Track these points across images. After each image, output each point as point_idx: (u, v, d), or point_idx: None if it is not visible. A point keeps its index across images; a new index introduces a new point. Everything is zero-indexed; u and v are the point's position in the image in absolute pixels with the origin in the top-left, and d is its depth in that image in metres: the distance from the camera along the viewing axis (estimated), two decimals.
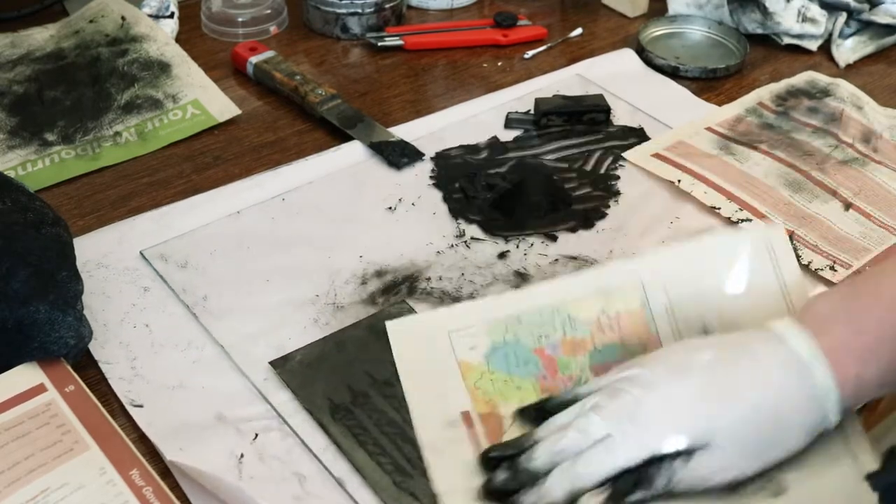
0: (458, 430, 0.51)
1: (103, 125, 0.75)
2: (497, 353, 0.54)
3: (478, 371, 0.53)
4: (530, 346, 0.54)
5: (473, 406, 0.52)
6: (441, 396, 0.52)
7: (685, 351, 0.49)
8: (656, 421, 0.45)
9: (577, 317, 0.55)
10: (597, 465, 0.45)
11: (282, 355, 0.55)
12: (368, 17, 0.89)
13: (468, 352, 0.54)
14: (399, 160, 0.72)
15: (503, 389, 0.53)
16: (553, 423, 0.48)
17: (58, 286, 0.53)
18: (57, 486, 0.46)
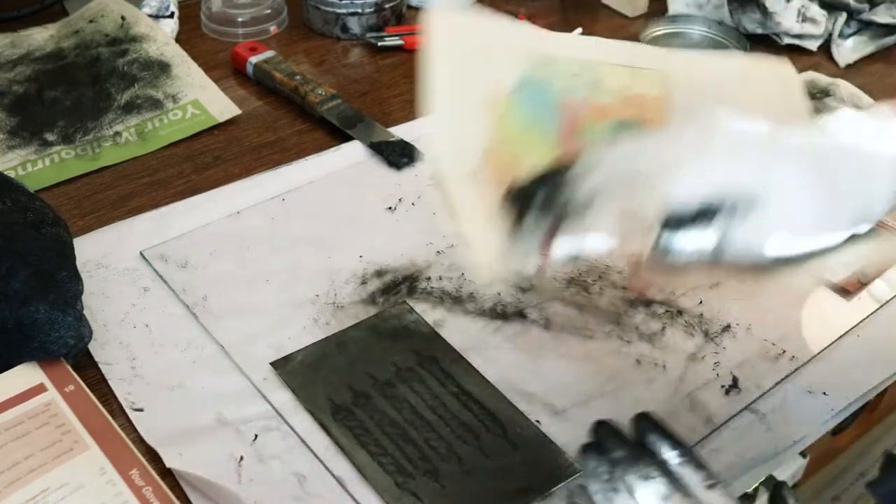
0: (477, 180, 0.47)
1: (103, 125, 0.75)
2: (526, 89, 0.50)
3: (501, 103, 0.49)
4: (557, 98, 0.51)
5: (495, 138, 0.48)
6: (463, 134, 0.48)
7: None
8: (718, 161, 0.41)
9: (604, 82, 0.52)
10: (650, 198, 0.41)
11: (283, 356, 0.55)
12: (368, 17, 0.89)
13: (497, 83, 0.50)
14: (399, 160, 0.72)
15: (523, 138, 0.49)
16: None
17: (58, 286, 0.52)
18: (57, 486, 0.46)
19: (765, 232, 0.41)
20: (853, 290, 0.62)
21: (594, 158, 0.43)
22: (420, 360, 0.56)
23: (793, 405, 0.55)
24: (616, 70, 0.53)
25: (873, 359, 0.58)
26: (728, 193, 0.41)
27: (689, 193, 0.41)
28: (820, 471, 0.79)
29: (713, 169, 0.41)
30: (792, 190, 0.41)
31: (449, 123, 0.49)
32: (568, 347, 0.57)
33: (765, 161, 0.42)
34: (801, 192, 0.41)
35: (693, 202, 0.41)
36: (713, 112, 0.43)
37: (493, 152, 0.48)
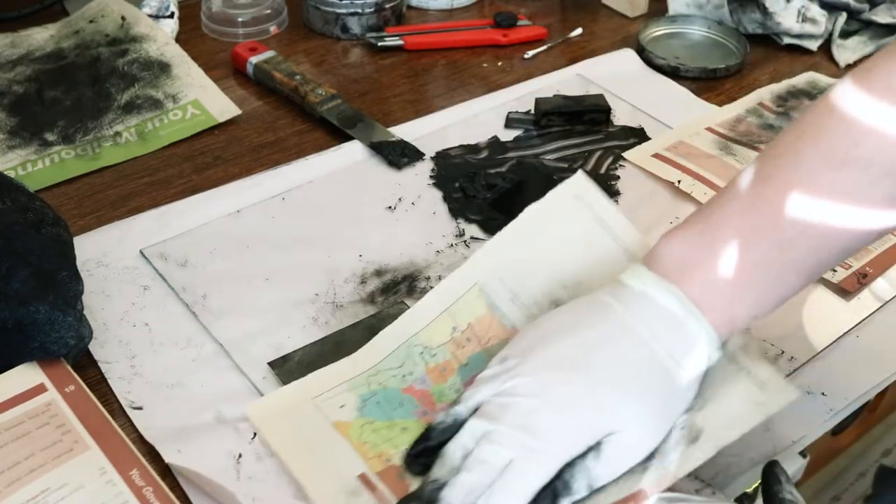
0: (361, 497, 0.47)
1: (103, 125, 0.75)
2: (368, 403, 0.52)
3: (356, 426, 0.50)
4: (398, 388, 0.52)
5: (368, 466, 0.48)
6: (332, 466, 0.49)
7: (551, 336, 0.47)
8: (553, 429, 0.43)
9: (431, 344, 0.54)
10: (513, 495, 0.43)
11: (281, 356, 0.55)
12: (368, 17, 0.89)
13: (339, 411, 0.51)
14: (399, 160, 0.72)
15: (390, 436, 0.50)
16: (448, 458, 0.45)
17: (58, 286, 0.53)
18: (57, 486, 0.46)
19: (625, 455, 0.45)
20: (853, 290, 0.62)
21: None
22: None
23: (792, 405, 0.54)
24: (435, 326, 0.54)
25: (873, 359, 0.58)
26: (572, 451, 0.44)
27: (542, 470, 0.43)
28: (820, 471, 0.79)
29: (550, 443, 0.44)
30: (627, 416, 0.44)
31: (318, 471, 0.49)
32: None
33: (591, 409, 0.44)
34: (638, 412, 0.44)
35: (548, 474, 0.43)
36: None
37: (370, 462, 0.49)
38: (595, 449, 0.44)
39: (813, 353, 0.58)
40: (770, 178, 0.46)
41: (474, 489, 0.43)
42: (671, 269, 0.46)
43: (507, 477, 0.43)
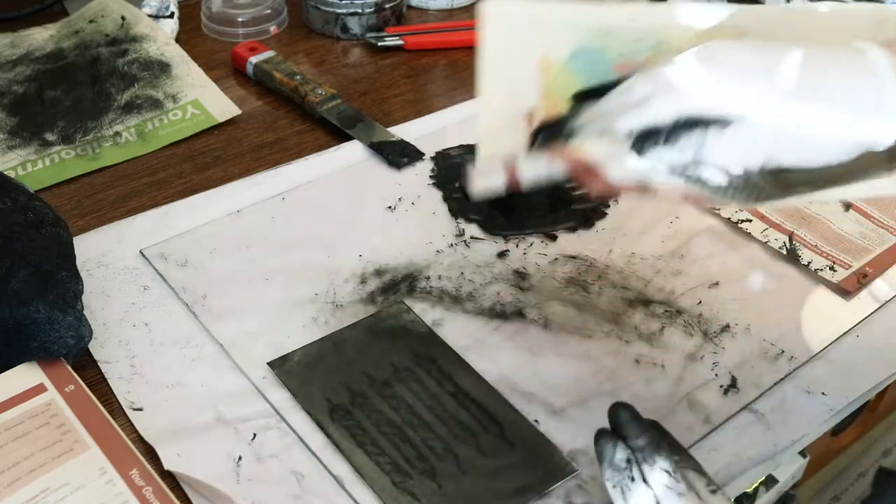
0: (516, 131, 0.49)
1: (103, 125, 0.75)
2: (579, 56, 0.51)
3: (556, 70, 0.50)
4: (613, 58, 0.51)
5: (542, 106, 0.49)
6: (513, 90, 0.50)
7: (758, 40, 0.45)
8: (703, 81, 0.42)
9: (669, 43, 0.51)
10: (626, 117, 0.43)
11: (280, 356, 0.55)
12: (368, 17, 0.89)
13: (553, 50, 0.51)
14: (399, 160, 0.72)
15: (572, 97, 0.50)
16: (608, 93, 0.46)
17: (58, 286, 0.53)
18: (57, 486, 0.46)
19: (745, 147, 0.42)
20: (853, 290, 0.63)
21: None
22: (417, 360, 0.56)
23: (792, 405, 0.55)
24: (684, 32, 0.52)
25: (873, 359, 0.58)
26: (700, 112, 0.42)
27: (661, 113, 0.42)
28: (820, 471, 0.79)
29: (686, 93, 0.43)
30: (771, 110, 0.42)
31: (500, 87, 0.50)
32: (567, 347, 0.57)
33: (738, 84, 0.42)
34: (783, 111, 0.41)
35: (665, 119, 0.42)
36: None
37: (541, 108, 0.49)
38: (722, 125, 0.42)
39: (813, 353, 0.58)
40: None
41: (604, 111, 0.45)
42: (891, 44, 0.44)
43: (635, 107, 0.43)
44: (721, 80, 0.43)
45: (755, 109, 0.42)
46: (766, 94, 0.42)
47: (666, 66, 0.44)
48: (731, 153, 0.42)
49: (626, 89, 0.45)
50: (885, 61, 0.43)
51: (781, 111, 0.42)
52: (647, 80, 0.44)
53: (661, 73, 0.44)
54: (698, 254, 0.65)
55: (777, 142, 0.42)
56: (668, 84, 0.43)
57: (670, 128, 0.43)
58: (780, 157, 0.42)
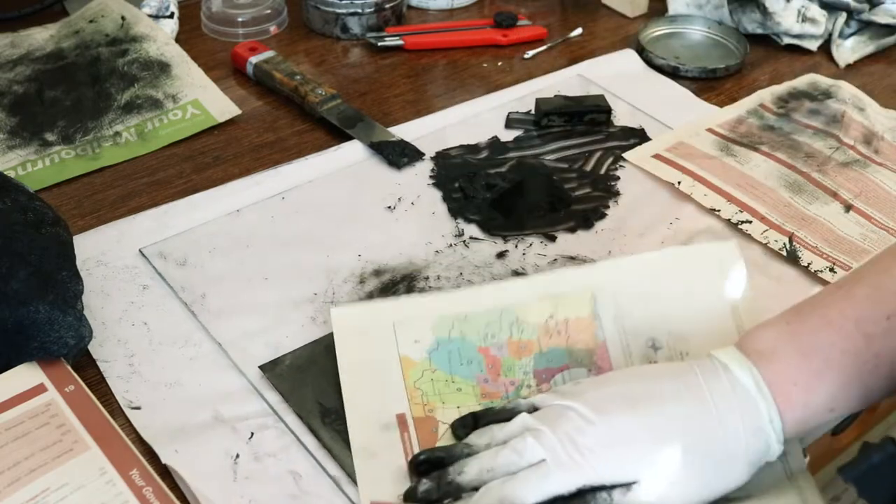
0: (391, 433, 0.50)
1: (103, 125, 0.75)
2: (441, 349, 0.53)
3: (419, 368, 0.53)
4: (475, 344, 0.54)
5: (410, 409, 0.51)
6: (379, 396, 0.51)
7: (630, 380, 0.48)
8: (595, 452, 0.44)
9: (525, 319, 0.55)
10: (528, 488, 0.44)
11: (271, 359, 0.55)
12: (368, 17, 0.89)
13: (412, 345, 0.53)
14: (399, 160, 0.72)
15: (443, 391, 0.52)
16: (489, 434, 0.47)
17: (58, 286, 0.53)
18: (57, 486, 0.46)
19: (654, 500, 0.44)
20: None
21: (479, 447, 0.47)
22: None
23: None
24: (536, 305, 0.55)
25: None
26: (603, 478, 0.44)
27: (563, 484, 0.44)
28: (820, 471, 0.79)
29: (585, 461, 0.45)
30: (670, 469, 0.44)
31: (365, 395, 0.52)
32: None
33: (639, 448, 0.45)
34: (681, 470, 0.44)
35: (570, 487, 0.44)
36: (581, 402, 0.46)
37: (414, 406, 0.51)
38: (624, 487, 0.44)
39: None
40: (862, 279, 0.48)
41: (495, 469, 0.45)
42: (755, 352, 0.47)
43: (532, 473, 0.44)
44: (615, 453, 0.45)
45: (650, 472, 0.44)
46: (657, 458, 0.45)
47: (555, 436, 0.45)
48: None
49: (518, 447, 0.45)
50: (750, 377, 0.46)
51: (675, 469, 0.44)
52: (539, 444, 0.45)
53: (551, 441, 0.45)
54: None
55: (679, 490, 0.45)
56: (561, 456, 0.44)
57: (576, 495, 0.44)
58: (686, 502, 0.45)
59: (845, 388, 0.46)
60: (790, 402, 0.46)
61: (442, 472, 0.46)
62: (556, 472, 0.44)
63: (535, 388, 0.53)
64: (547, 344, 0.54)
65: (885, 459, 0.39)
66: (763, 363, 0.46)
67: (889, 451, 0.39)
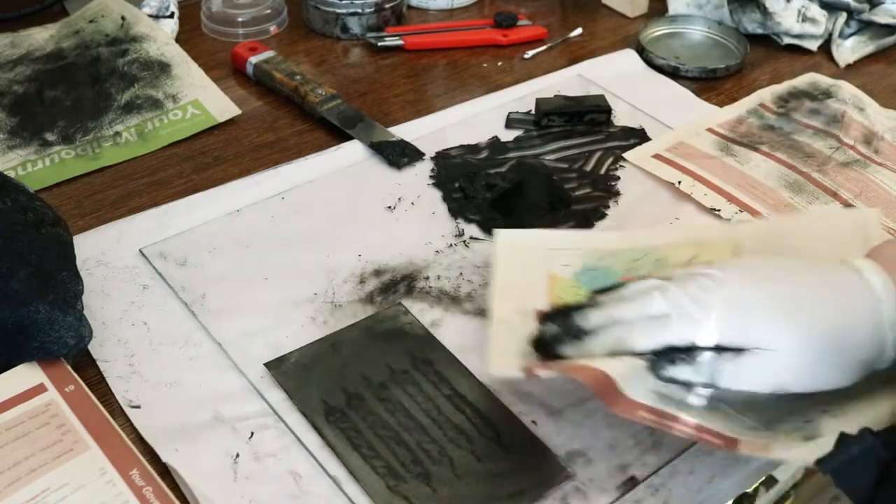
0: (527, 319, 0.53)
1: (103, 125, 0.75)
2: (587, 273, 0.57)
3: (565, 285, 0.56)
4: (619, 272, 0.56)
5: (549, 307, 0.54)
6: (523, 292, 0.55)
7: (765, 262, 0.49)
8: (716, 311, 0.45)
9: (668, 259, 0.57)
10: (645, 335, 0.46)
11: (277, 357, 0.55)
12: (368, 17, 0.89)
13: (561, 268, 0.57)
14: (399, 160, 0.72)
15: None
16: (617, 293, 0.49)
17: (58, 286, 0.53)
18: (57, 486, 0.46)
19: (757, 373, 0.45)
20: None
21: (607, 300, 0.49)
22: (414, 362, 0.56)
23: None
24: (680, 248, 0.58)
25: None
26: (717, 338, 0.45)
27: (679, 336, 0.46)
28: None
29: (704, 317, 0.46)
30: (787, 345, 0.45)
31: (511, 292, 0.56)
32: None
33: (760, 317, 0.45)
34: (792, 346, 0.45)
35: (683, 340, 0.45)
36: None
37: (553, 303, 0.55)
38: (736, 352, 0.45)
39: None
40: None
41: (619, 319, 0.47)
42: (887, 259, 0.48)
43: (653, 324, 0.46)
44: (738, 318, 0.45)
45: (768, 343, 0.45)
46: (779, 331, 0.45)
47: (683, 292, 0.46)
48: (743, 378, 0.46)
49: (643, 300, 0.47)
50: (880, 281, 0.47)
51: (792, 346, 0.45)
52: (664, 298, 0.46)
53: (678, 296, 0.46)
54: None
55: (787, 371, 0.45)
56: (685, 310, 0.46)
57: (687, 349, 0.45)
58: (789, 384, 0.46)
59: None
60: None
61: (568, 317, 0.48)
62: (675, 323, 0.46)
63: None
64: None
65: (864, 451, 0.39)
66: (891, 271, 0.47)
67: (868, 443, 0.39)
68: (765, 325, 0.45)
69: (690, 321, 0.45)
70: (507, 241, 0.60)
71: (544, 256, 0.59)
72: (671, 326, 0.46)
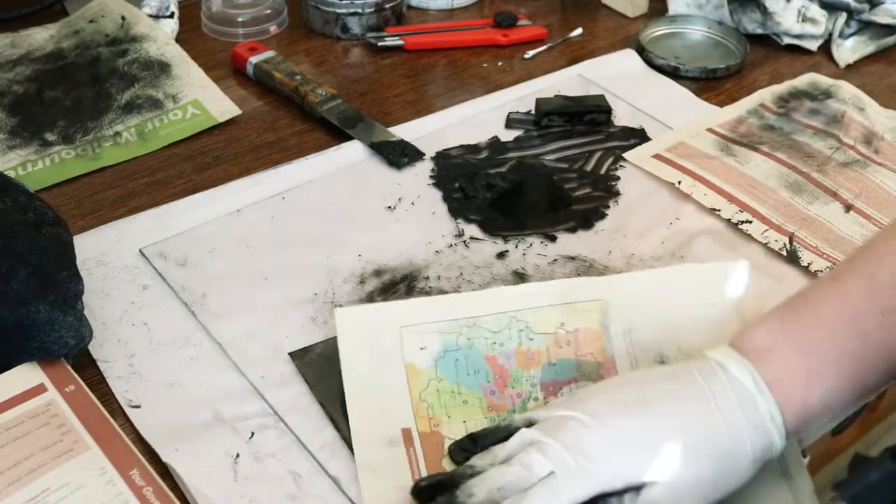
0: (396, 449, 0.49)
1: (103, 125, 0.75)
2: (448, 357, 0.53)
3: (425, 377, 0.52)
4: (483, 353, 0.53)
5: (416, 423, 0.50)
6: (384, 411, 0.51)
7: (628, 384, 0.48)
8: (601, 458, 0.44)
9: (534, 327, 0.54)
10: (546, 500, 0.43)
11: (301, 347, 0.56)
12: (368, 17, 0.89)
13: (418, 352, 0.53)
14: (399, 160, 0.72)
15: (448, 403, 0.51)
16: (492, 454, 0.47)
17: (58, 286, 0.53)
18: (57, 487, 0.46)
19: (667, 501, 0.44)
20: None
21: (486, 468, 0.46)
22: None
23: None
24: (546, 312, 0.55)
25: None
26: (614, 483, 0.44)
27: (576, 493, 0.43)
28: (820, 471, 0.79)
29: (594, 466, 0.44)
30: (678, 468, 0.44)
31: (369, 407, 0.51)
32: None
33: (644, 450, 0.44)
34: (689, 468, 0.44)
35: (583, 496, 0.44)
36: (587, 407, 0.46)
37: (419, 420, 0.51)
38: (634, 491, 0.44)
39: None
40: (855, 269, 0.48)
41: (506, 487, 0.44)
42: (751, 350, 0.47)
43: (541, 487, 0.43)
44: (625, 457, 0.44)
45: (663, 474, 0.44)
46: (670, 460, 0.44)
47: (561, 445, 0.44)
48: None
49: (523, 461, 0.45)
50: (747, 373, 0.46)
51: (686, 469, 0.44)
52: (545, 457, 0.44)
53: (558, 451, 0.44)
54: (698, 255, 0.65)
55: (689, 491, 0.44)
56: (570, 465, 0.44)
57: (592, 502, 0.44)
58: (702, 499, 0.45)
59: (842, 385, 0.46)
60: (789, 400, 0.46)
61: (450, 495, 0.45)
62: (568, 482, 0.44)
63: (541, 400, 0.52)
64: (556, 355, 0.54)
65: (884, 477, 0.38)
66: (759, 362, 0.46)
67: (888, 468, 0.38)
68: (649, 457, 0.44)
69: (581, 474, 0.44)
70: (352, 324, 0.53)
71: (397, 341, 0.53)
72: (564, 485, 0.43)
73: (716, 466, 0.45)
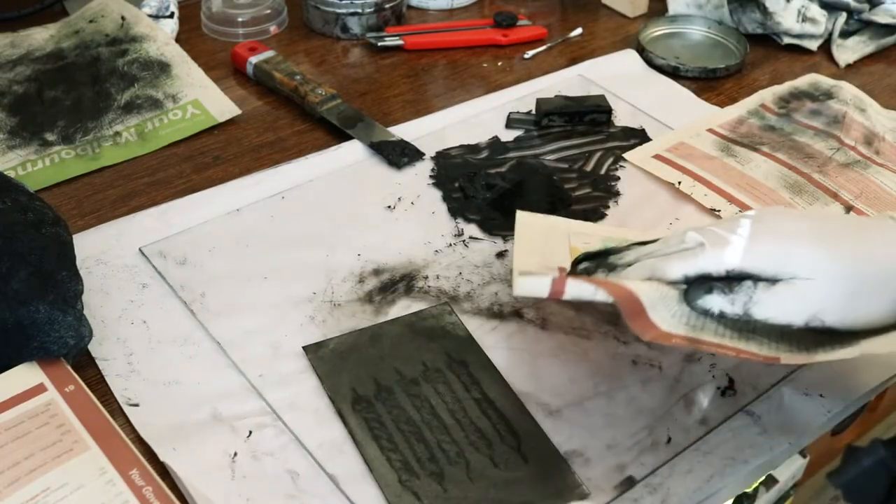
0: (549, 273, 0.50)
1: (103, 125, 0.75)
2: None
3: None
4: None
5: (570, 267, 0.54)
6: (545, 257, 0.56)
7: (806, 213, 0.49)
8: (751, 240, 0.45)
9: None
10: (679, 262, 0.45)
11: (316, 341, 0.56)
12: (368, 17, 0.89)
13: (582, 245, 0.58)
14: (399, 159, 0.72)
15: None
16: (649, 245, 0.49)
17: (58, 286, 0.53)
18: (57, 486, 0.46)
19: (792, 303, 0.44)
20: None
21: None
22: (449, 363, 0.56)
23: (789, 407, 0.55)
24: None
25: (871, 361, 0.58)
26: (752, 266, 0.44)
27: (714, 264, 0.44)
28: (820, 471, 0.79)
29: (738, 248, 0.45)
30: (819, 273, 0.43)
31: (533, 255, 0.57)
32: (564, 347, 0.57)
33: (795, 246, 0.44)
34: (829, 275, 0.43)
35: (718, 267, 0.44)
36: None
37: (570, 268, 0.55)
38: (770, 282, 0.44)
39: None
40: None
41: (653, 252, 0.47)
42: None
43: (687, 253, 0.45)
44: (773, 244, 0.44)
45: (805, 271, 0.44)
46: (816, 259, 0.44)
47: (718, 227, 0.46)
48: (778, 308, 0.44)
49: (679, 237, 0.47)
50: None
51: (829, 275, 0.44)
52: (698, 233, 0.46)
53: (713, 231, 0.46)
54: None
55: (823, 301, 0.44)
56: (720, 238, 0.45)
57: (722, 278, 0.44)
58: (824, 315, 0.44)
59: None
60: None
61: (602, 257, 0.49)
62: (710, 250, 0.45)
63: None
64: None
65: (875, 463, 0.38)
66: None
67: (878, 455, 0.38)
68: (801, 252, 0.44)
69: (725, 247, 0.44)
70: (526, 221, 0.61)
71: (564, 234, 0.60)
72: (705, 253, 0.45)
73: (858, 288, 0.44)
